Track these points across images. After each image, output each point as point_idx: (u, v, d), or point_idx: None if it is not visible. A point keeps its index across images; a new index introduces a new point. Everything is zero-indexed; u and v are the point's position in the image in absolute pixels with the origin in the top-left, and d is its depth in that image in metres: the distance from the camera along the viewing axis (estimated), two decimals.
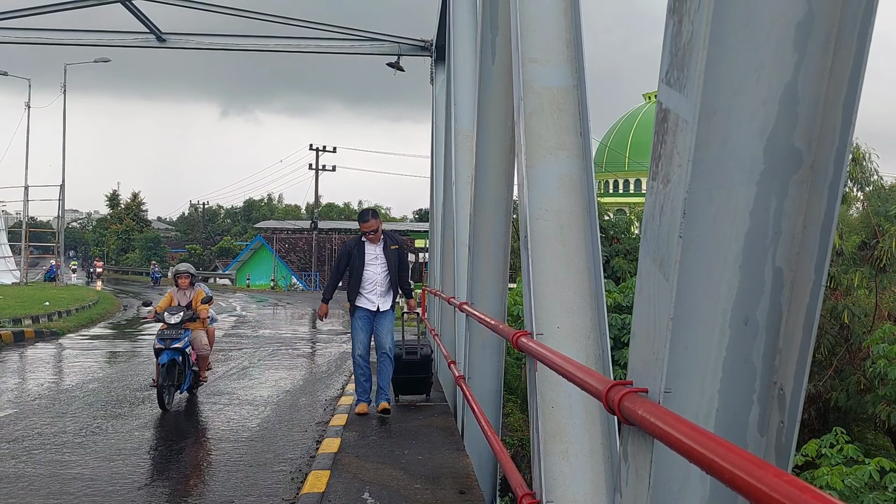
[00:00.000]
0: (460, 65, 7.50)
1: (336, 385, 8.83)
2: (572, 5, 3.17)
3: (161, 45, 11.41)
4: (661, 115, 1.49)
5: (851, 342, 11.59)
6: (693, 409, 1.52)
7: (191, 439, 5.93)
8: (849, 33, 1.34)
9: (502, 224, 5.22)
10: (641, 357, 1.58)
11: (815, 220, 1.42)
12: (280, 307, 26.57)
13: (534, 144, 3.11)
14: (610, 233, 15.74)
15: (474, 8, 7.45)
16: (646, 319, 1.55)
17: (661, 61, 1.47)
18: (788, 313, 1.50)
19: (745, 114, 1.39)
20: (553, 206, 3.04)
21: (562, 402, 2.76)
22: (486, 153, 5.10)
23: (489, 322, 3.92)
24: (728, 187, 1.42)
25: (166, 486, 4.58)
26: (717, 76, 1.36)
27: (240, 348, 12.72)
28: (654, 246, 1.51)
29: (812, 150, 1.42)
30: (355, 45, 11.81)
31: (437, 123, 10.56)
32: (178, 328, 6.89)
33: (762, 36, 1.36)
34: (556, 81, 3.17)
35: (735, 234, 1.45)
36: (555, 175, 3.08)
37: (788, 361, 1.51)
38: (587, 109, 3.10)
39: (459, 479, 4.32)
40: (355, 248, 6.35)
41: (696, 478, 1.60)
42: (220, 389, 8.26)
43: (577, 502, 2.61)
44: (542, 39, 3.21)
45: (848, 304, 10.88)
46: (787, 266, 1.48)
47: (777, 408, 1.54)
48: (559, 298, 2.90)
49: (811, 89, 1.39)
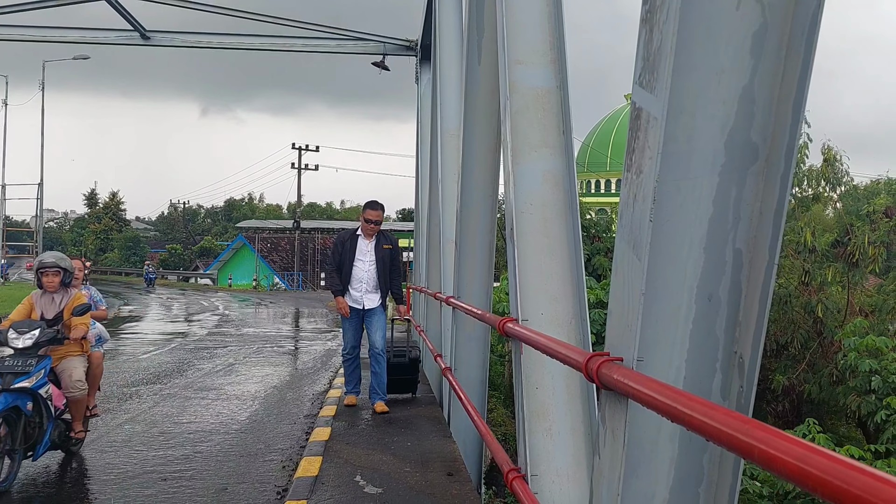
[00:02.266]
0: (446, 65, 7.67)
1: (322, 380, 8.95)
2: (556, 11, 3.36)
3: (145, 42, 11.43)
4: (634, 113, 1.67)
5: (824, 336, 11.95)
6: (662, 376, 1.70)
7: (181, 432, 6.03)
8: (797, 42, 1.53)
9: (488, 220, 5.40)
10: (616, 330, 1.76)
11: (770, 206, 1.61)
12: (263, 306, 26.54)
13: (519, 142, 3.29)
14: (591, 231, 16.02)
15: (460, 10, 7.62)
16: (620, 295, 1.74)
17: (635, 65, 1.65)
18: (747, 290, 1.68)
19: (707, 112, 1.58)
20: (537, 201, 3.22)
21: (545, 383, 2.94)
22: (472, 151, 5.28)
23: (476, 312, 4.10)
24: (693, 178, 1.61)
25: (159, 476, 4.68)
26: (683, 79, 1.55)
27: (224, 346, 12.77)
28: (628, 230, 1.70)
29: (767, 145, 1.60)
30: (341, 45, 11.93)
31: (422, 122, 10.72)
32: (29, 356, 4.42)
33: (723, 44, 1.55)
34: (540, 82, 3.36)
35: (699, 219, 1.64)
36: (539, 171, 3.26)
37: (747, 333, 1.70)
38: (569, 109, 3.29)
39: (447, 463, 4.50)
40: (348, 240, 6.23)
41: (666, 438, 1.78)
42: (207, 385, 8.35)
43: (559, 475, 2.80)
44: (528, 42, 3.39)
45: (821, 298, 11.22)
46: (746, 247, 1.67)
47: (737, 374, 1.73)
48: (543, 287, 3.08)
49: (766, 91, 1.58)
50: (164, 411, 6.77)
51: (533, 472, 2.81)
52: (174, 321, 19.09)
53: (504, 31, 3.41)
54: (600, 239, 15.90)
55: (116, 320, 18.95)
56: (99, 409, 6.03)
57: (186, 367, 9.95)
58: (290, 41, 11.84)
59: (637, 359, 1.67)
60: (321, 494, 3.93)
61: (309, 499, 3.84)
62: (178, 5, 10.93)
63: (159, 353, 11.62)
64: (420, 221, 10.79)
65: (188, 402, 7.31)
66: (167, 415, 6.64)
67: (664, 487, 1.82)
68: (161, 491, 4.33)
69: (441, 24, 7.99)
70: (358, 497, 3.89)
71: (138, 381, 8.60)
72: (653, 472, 1.80)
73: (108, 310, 22.82)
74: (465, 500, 3.79)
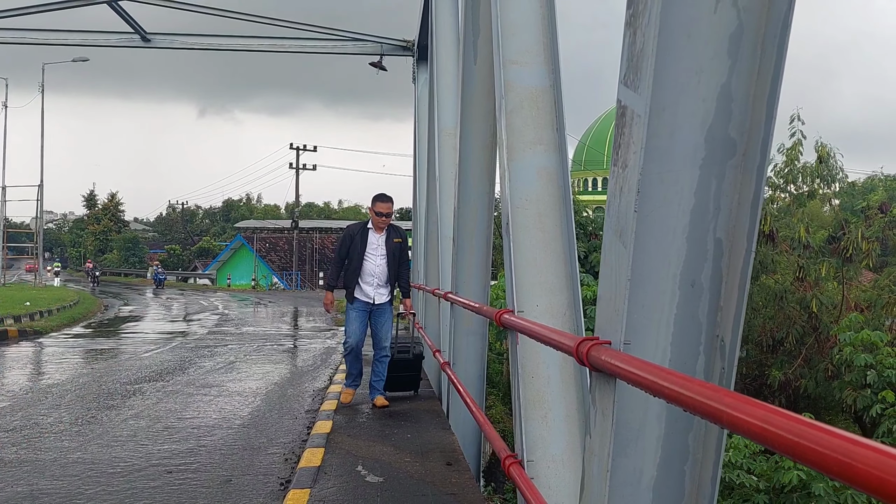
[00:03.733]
0: (443, 65, 7.77)
1: (323, 377, 9.06)
2: (549, 12, 3.46)
3: (146, 45, 11.53)
4: (620, 111, 1.78)
5: (820, 331, 12.07)
6: (649, 358, 1.80)
7: (184, 427, 6.13)
8: (770, 43, 1.63)
9: (485, 217, 5.50)
10: (605, 314, 1.86)
11: (747, 197, 1.71)
12: (262, 306, 26.64)
13: (514, 139, 3.40)
14: (588, 229, 16.13)
15: (456, 11, 7.72)
16: (608, 282, 1.84)
17: (620, 65, 1.75)
18: (727, 276, 1.79)
19: (688, 109, 1.68)
20: (532, 196, 3.33)
21: (541, 372, 3.04)
22: (469, 149, 5.38)
23: (473, 306, 4.20)
24: (675, 171, 1.71)
25: (164, 469, 4.78)
26: (665, 78, 1.65)
27: (225, 344, 12.88)
28: (615, 220, 1.80)
29: (744, 140, 1.71)
30: (338, 45, 12.04)
31: (419, 122, 10.82)
32: None
33: (701, 45, 1.65)
34: (534, 81, 3.46)
35: (682, 210, 1.74)
36: (533, 167, 3.37)
37: (727, 317, 1.80)
38: (562, 107, 3.40)
39: (446, 454, 4.61)
40: (358, 234, 6.12)
41: (654, 417, 1.89)
42: (209, 382, 8.45)
43: (554, 460, 2.90)
44: (522, 43, 3.50)
45: (816, 294, 11.35)
46: (726, 236, 1.77)
47: (719, 356, 1.83)
48: (538, 279, 3.18)
49: (743, 89, 1.68)
50: (167, 407, 6.87)
51: (529, 458, 2.92)
52: (174, 321, 19.18)
53: (499, 32, 3.52)
54: (597, 236, 16.01)
55: (117, 320, 19.05)
56: (102, 406, 6.13)
57: (188, 364, 10.05)
58: (289, 42, 11.95)
59: (624, 342, 1.77)
60: (324, 483, 4.03)
61: (312, 487, 3.95)
62: (178, 8, 11.02)
63: (160, 351, 11.72)
64: (418, 220, 10.90)
65: (191, 398, 7.40)
66: (171, 410, 6.74)
67: (652, 465, 1.93)
68: (167, 483, 4.43)
69: (437, 25, 8.09)
70: (360, 485, 4.00)
71: (141, 378, 8.70)
72: (641, 451, 1.91)
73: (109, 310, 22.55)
74: (464, 488, 3.89)
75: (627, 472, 1.90)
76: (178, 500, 4.07)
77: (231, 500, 4.10)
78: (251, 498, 4.13)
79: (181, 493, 4.21)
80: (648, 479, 1.92)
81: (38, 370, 9.83)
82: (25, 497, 4.11)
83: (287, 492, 4.00)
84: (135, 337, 14.53)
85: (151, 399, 7.31)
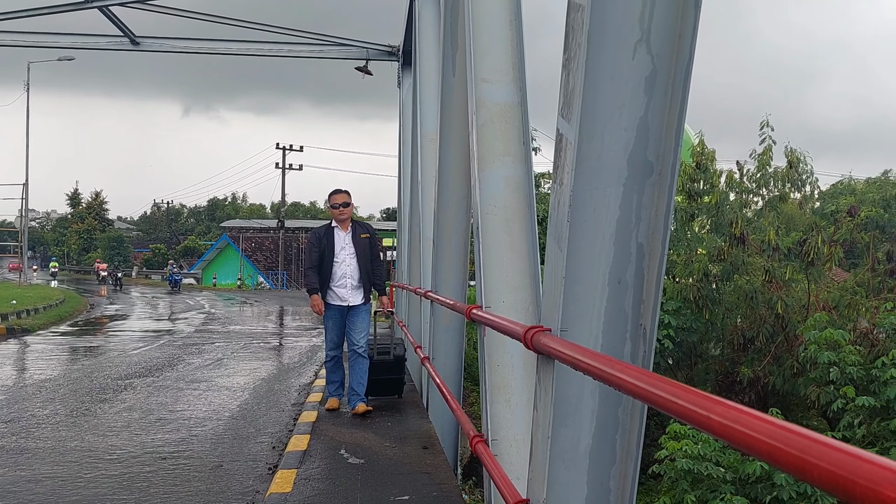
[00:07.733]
0: (425, 73, 8.11)
1: (308, 373, 9.37)
2: (517, 35, 3.83)
3: (135, 48, 11.76)
4: (558, 138, 2.13)
5: (788, 330, 12.53)
6: (584, 343, 2.16)
7: (176, 419, 6.42)
8: (678, 84, 1.99)
9: (463, 220, 5.85)
10: (548, 306, 2.22)
11: (661, 209, 2.07)
12: (248, 305, 26.82)
13: (484, 151, 3.76)
14: None
15: (438, 22, 8.06)
16: (550, 279, 2.20)
17: (558, 101, 2.11)
18: (647, 275, 2.15)
19: (613, 137, 2.04)
20: (500, 203, 3.69)
21: (505, 361, 3.40)
22: (448, 157, 5.73)
23: (448, 303, 4.55)
24: (603, 187, 2.07)
25: (158, 456, 5.08)
26: (593, 112, 2.00)
27: (212, 342, 13.12)
28: (554, 228, 2.15)
29: (659, 162, 2.07)
30: (325, 50, 12.34)
31: (404, 125, 11.15)
32: None
33: (623, 84, 2.01)
34: (503, 98, 3.83)
35: (609, 220, 2.10)
36: (502, 177, 3.73)
37: (648, 308, 2.16)
38: (528, 122, 3.77)
39: (423, 440, 4.96)
40: (325, 236, 5.97)
41: (588, 394, 2.24)
42: (198, 378, 8.73)
43: (515, 440, 3.26)
44: (492, 63, 3.86)
45: (782, 295, 11.81)
46: (646, 242, 2.13)
47: (642, 342, 2.19)
48: (504, 278, 3.54)
49: (657, 120, 2.04)
50: (158, 401, 7.16)
51: (493, 438, 3.28)
52: (160, 319, 19.36)
53: (471, 51, 3.87)
54: None
55: (103, 318, 19.19)
56: (95, 400, 6.41)
57: (177, 361, 10.31)
58: (276, 46, 12.23)
59: (562, 329, 2.13)
60: (310, 464, 4.37)
61: (299, 468, 4.29)
62: (167, 13, 11.27)
63: (149, 348, 11.95)
64: (402, 221, 11.23)
65: (181, 392, 7.69)
66: (162, 403, 7.02)
67: (588, 434, 2.28)
68: (162, 468, 4.74)
69: (420, 35, 8.43)
70: (342, 466, 4.34)
71: (131, 374, 8.96)
72: (578, 422, 2.26)
73: (95, 309, 22.58)
74: (437, 468, 4.25)
75: (567, 441, 2.26)
76: (173, 483, 4.39)
77: (222, 482, 4.42)
78: (241, 481, 4.45)
79: (175, 477, 4.52)
80: (585, 446, 2.28)
81: (30, 366, 10.05)
82: (29, 481, 4.41)
83: (275, 474, 4.33)
84: (122, 335, 14.73)
85: (143, 393, 7.58)
